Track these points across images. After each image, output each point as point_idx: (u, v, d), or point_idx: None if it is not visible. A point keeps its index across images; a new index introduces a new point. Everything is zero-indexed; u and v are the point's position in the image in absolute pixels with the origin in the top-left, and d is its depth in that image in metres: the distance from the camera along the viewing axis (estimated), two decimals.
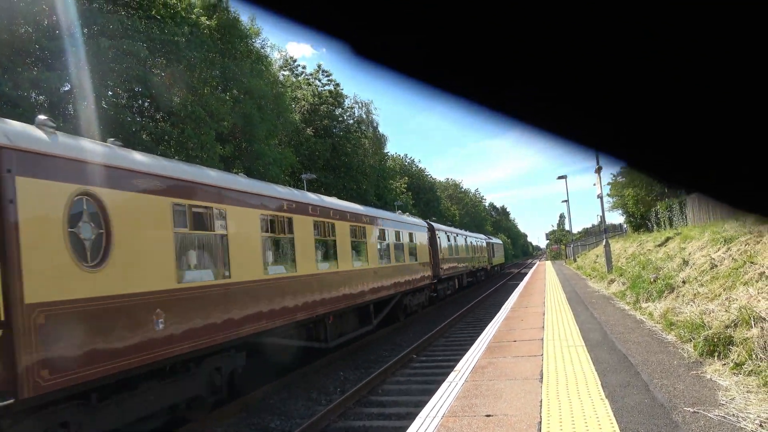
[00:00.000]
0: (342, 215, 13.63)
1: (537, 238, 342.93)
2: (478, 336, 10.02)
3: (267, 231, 9.98)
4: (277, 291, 9.78)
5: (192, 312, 7.30)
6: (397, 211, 24.30)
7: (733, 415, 4.40)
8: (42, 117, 6.11)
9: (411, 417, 5.77)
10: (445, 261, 26.54)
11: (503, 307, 14.82)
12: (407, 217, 21.94)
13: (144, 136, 20.87)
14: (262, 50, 31.56)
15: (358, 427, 7.95)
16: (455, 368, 7.22)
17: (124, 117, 20.53)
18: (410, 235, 20.33)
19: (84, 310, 5.68)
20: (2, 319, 5.01)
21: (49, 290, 5.35)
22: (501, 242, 76.70)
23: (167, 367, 7.08)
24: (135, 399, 6.64)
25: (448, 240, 28.73)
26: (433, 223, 26.38)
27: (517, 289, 21.99)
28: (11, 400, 4.94)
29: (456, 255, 30.64)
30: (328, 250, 12.72)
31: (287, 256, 10.72)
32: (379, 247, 16.54)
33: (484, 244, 47.64)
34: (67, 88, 19.48)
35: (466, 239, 35.55)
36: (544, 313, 12.36)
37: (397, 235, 18.71)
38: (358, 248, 14.78)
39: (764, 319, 5.96)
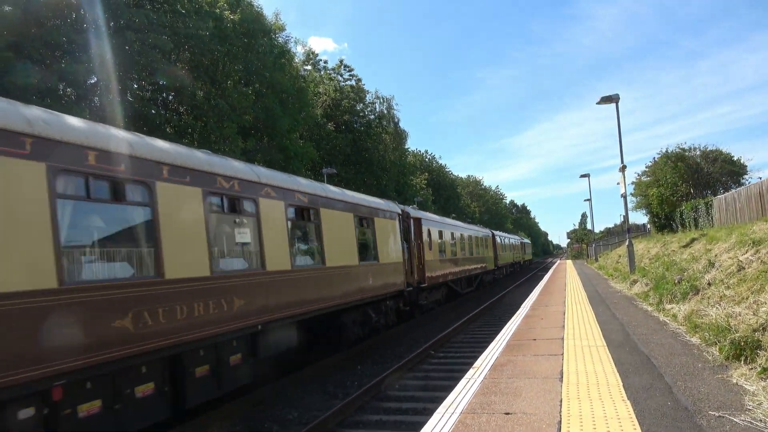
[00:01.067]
0: None
1: (558, 236, 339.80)
2: (498, 334, 9.94)
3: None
4: None
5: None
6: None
7: (761, 420, 4.29)
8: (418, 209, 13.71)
9: (429, 413, 5.74)
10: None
11: (523, 305, 14.69)
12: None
13: (168, 129, 21.14)
14: (286, 45, 31.67)
15: (375, 422, 7.95)
16: (474, 365, 7.17)
17: (149, 110, 20.82)
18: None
19: None
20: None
21: None
22: (529, 241, 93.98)
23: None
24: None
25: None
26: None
27: (537, 287, 21.79)
28: (425, 284, 17.34)
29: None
30: None
31: None
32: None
33: (518, 243, 60.05)
34: (93, 81, 19.81)
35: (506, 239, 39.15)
36: (564, 312, 12.22)
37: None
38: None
39: None
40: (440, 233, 22.16)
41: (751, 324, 6.48)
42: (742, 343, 6.17)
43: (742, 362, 5.98)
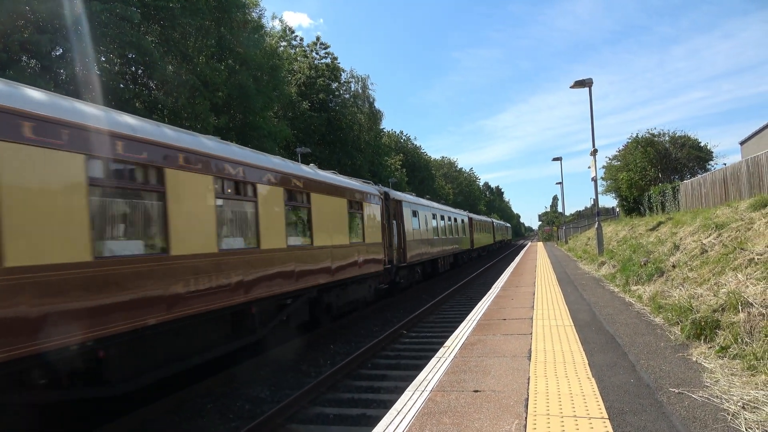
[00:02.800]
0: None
1: (530, 219, 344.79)
2: (469, 313, 10.09)
3: None
4: None
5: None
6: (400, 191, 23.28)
7: (717, 396, 4.47)
8: (401, 194, 17.65)
9: (399, 391, 5.83)
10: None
11: (494, 285, 14.92)
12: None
13: (137, 104, 20.59)
14: (260, 21, 31.02)
15: (347, 400, 8.03)
16: (445, 344, 7.28)
17: (117, 84, 20.22)
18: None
19: None
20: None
21: None
22: (510, 226, 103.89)
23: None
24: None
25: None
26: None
27: (508, 268, 22.12)
28: (405, 264, 19.70)
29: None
30: None
31: None
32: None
33: (503, 226, 76.67)
34: (59, 52, 19.12)
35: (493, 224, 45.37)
36: (534, 292, 12.45)
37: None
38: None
39: (751, 304, 6.03)
40: (420, 215, 22.74)
41: (712, 305, 6.72)
42: (703, 323, 6.40)
43: (702, 341, 6.21)
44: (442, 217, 28.44)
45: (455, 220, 32.68)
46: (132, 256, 6.60)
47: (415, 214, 21.88)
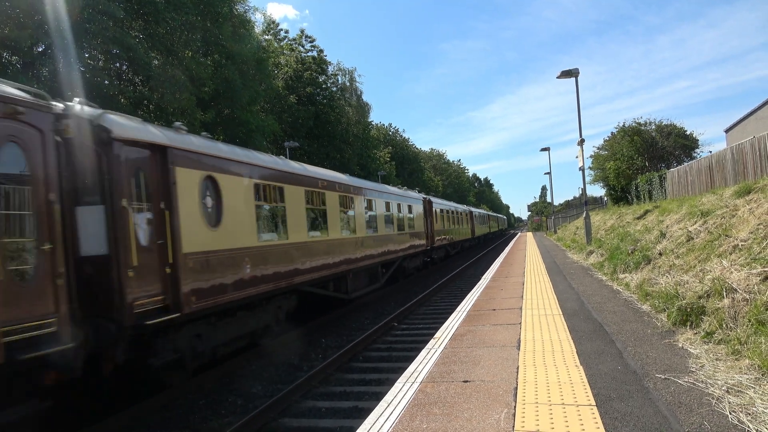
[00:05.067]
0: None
1: (519, 209, 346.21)
2: (459, 304, 10.15)
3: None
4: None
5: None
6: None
7: (702, 381, 4.55)
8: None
9: (390, 383, 5.86)
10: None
11: (484, 276, 15.00)
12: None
13: (122, 100, 20.38)
14: (245, 15, 30.74)
15: (339, 393, 8.07)
16: (435, 335, 7.33)
17: (101, 80, 19.98)
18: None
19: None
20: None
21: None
22: (505, 217, 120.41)
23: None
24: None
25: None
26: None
27: (498, 258, 22.25)
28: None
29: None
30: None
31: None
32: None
33: (497, 217, 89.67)
34: (41, 49, 18.85)
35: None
36: (523, 282, 12.54)
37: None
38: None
39: (736, 290, 6.12)
40: (442, 211, 31.26)
41: (697, 291, 6.81)
42: (689, 310, 6.49)
43: (688, 327, 6.30)
44: (454, 212, 36.20)
45: (462, 213, 40.06)
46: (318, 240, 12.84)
47: (441, 211, 30.57)
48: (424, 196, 26.95)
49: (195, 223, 8.11)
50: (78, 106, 6.93)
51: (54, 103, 6.50)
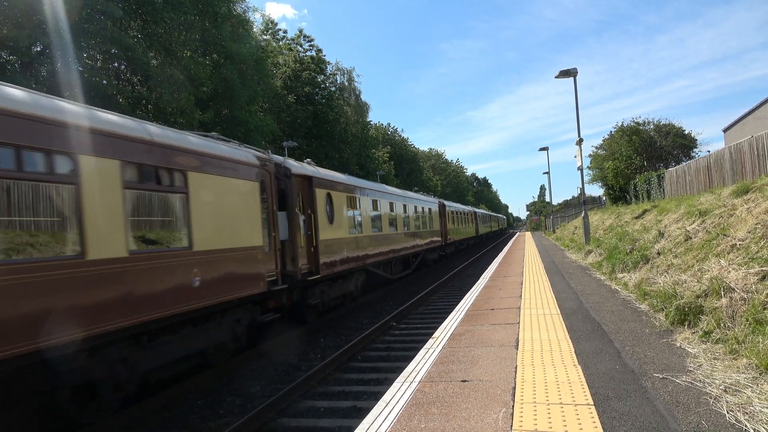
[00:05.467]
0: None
1: (518, 209, 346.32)
2: (457, 304, 10.15)
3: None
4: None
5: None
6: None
7: (700, 380, 4.55)
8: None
9: (389, 382, 5.87)
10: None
11: (482, 276, 15.01)
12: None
13: (120, 100, 20.35)
14: (244, 15, 30.73)
15: (338, 393, 8.07)
16: (433, 335, 7.33)
17: (100, 80, 19.95)
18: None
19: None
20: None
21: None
22: (504, 217, 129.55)
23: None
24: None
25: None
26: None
27: (497, 258, 22.26)
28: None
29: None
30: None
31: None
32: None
33: (497, 216, 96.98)
34: (39, 49, 18.82)
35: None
36: (522, 282, 12.55)
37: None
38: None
39: (733, 289, 6.13)
40: (454, 213, 37.85)
41: (695, 291, 6.82)
42: (687, 309, 6.50)
43: (686, 327, 6.31)
44: (462, 213, 41.34)
45: (468, 214, 45.15)
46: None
47: (453, 213, 35.61)
48: (439, 200, 31.96)
49: (323, 221, 13.08)
50: (276, 156, 11.75)
51: (271, 156, 11.20)
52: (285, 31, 45.90)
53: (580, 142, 21.46)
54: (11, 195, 5.33)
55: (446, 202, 33.83)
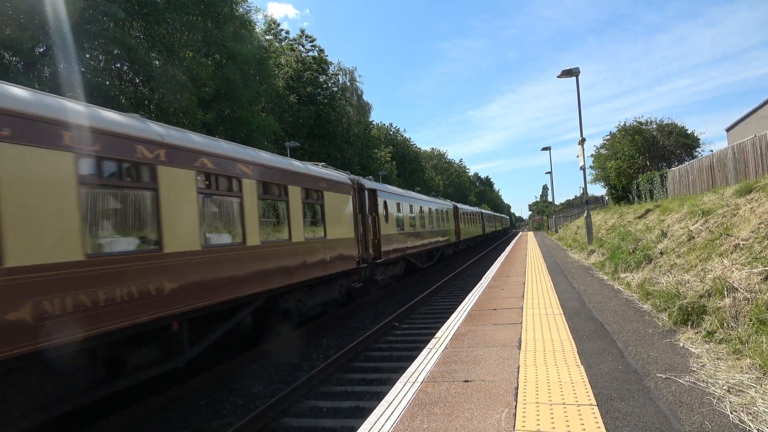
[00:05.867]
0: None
1: (520, 209, 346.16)
2: (460, 304, 10.14)
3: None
4: None
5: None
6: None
7: (703, 381, 4.54)
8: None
9: (391, 382, 5.86)
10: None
11: (485, 276, 14.99)
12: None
13: (123, 101, 20.38)
14: (246, 15, 30.76)
15: (340, 393, 8.07)
16: (436, 335, 7.32)
17: (102, 80, 19.98)
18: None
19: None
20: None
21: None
22: (507, 217, 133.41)
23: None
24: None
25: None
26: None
27: (499, 258, 22.23)
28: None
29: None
30: None
31: None
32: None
33: (501, 216, 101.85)
34: (42, 49, 18.85)
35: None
36: (524, 282, 12.53)
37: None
38: None
39: (737, 289, 6.11)
40: (466, 214, 41.08)
41: (698, 290, 6.80)
42: (690, 309, 6.48)
43: (689, 327, 6.29)
44: (471, 214, 45.34)
45: (476, 215, 49.06)
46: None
47: (464, 214, 39.36)
48: (453, 203, 36.64)
49: (382, 221, 17.74)
50: (356, 177, 16.14)
51: (354, 176, 15.81)
52: (287, 32, 45.94)
53: (582, 141, 21.43)
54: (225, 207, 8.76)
55: (459, 205, 38.62)
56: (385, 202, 18.24)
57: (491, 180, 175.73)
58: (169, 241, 7.04)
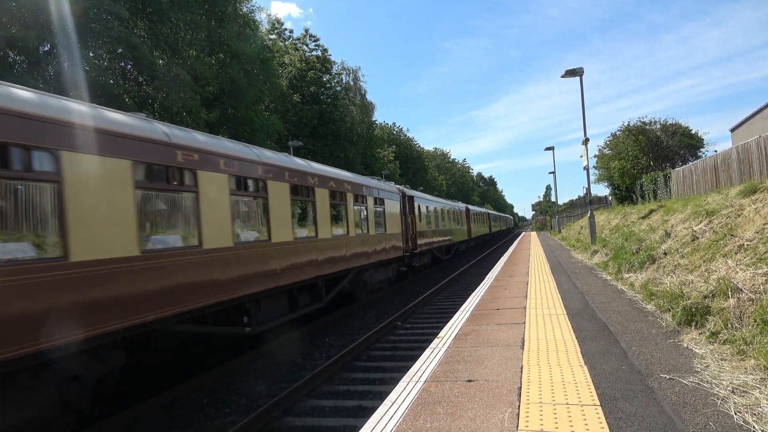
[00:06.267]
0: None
1: (523, 209, 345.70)
2: (463, 304, 10.13)
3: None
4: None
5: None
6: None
7: (707, 381, 4.52)
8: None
9: (394, 382, 5.86)
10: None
11: (488, 275, 14.98)
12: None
13: (127, 100, 20.42)
14: (250, 14, 30.79)
15: (343, 392, 8.07)
16: (439, 335, 7.32)
17: (106, 79, 20.03)
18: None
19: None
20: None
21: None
22: (511, 217, 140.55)
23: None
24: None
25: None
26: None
27: (502, 258, 22.21)
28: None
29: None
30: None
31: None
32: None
33: (505, 216, 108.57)
34: (46, 48, 18.91)
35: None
36: (527, 282, 12.51)
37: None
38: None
39: (741, 290, 6.08)
40: (475, 215, 45.10)
41: (702, 291, 6.78)
42: (693, 309, 6.46)
43: (693, 327, 6.27)
44: (480, 214, 49.85)
45: (484, 215, 53.56)
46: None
47: (474, 214, 43.62)
48: (465, 205, 41.30)
49: (417, 221, 21.94)
50: (400, 186, 21.97)
51: (400, 186, 21.54)
52: (291, 31, 45.99)
53: (586, 141, 21.39)
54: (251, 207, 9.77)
55: (470, 207, 44.06)
56: (419, 206, 22.87)
57: (494, 180, 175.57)
58: (321, 230, 12.01)
